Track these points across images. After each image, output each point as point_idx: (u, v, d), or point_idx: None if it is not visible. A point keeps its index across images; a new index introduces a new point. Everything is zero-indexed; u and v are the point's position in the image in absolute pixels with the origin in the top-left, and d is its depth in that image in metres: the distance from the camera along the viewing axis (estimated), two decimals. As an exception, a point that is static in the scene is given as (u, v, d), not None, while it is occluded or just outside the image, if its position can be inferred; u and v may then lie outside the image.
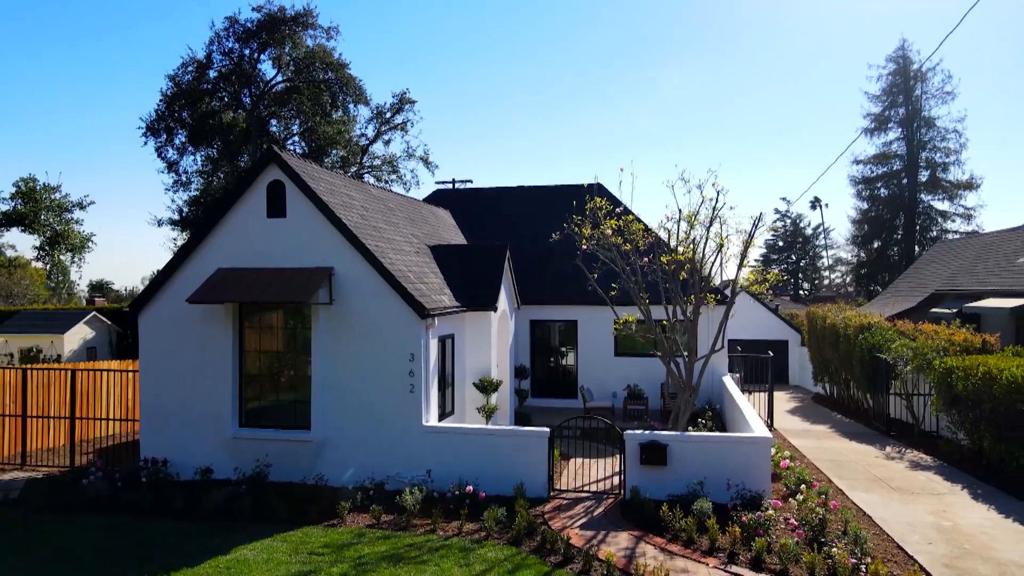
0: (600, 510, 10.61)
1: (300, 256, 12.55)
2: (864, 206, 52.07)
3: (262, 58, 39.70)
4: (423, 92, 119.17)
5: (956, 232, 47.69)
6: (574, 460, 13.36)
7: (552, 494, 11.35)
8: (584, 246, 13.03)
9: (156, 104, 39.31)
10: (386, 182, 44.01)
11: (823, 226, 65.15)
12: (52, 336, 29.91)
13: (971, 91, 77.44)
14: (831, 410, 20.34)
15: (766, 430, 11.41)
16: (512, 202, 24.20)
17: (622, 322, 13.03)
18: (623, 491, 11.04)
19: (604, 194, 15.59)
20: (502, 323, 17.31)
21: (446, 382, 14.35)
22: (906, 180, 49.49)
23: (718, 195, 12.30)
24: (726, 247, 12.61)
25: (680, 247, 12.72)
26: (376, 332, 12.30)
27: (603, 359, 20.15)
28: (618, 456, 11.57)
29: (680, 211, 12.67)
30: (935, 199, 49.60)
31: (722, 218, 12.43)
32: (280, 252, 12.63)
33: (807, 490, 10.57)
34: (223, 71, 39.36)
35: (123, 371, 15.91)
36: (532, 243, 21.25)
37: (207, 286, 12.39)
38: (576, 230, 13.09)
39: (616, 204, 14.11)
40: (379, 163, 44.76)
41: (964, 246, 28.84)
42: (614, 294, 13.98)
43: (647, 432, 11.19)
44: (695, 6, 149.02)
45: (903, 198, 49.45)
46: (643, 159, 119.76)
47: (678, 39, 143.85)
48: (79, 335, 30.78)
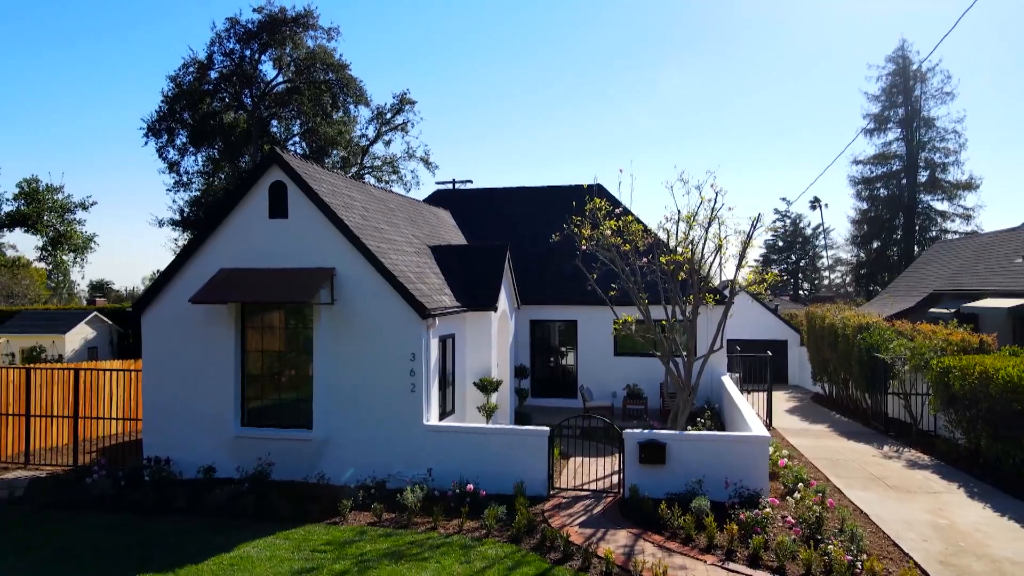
0: (599, 508, 10.70)
1: (302, 257, 12.65)
2: (864, 206, 52.21)
3: (263, 59, 39.84)
4: (423, 92, 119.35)
5: (955, 232, 47.81)
6: (574, 459, 13.45)
7: (552, 492, 11.45)
8: (584, 246, 13.12)
9: (157, 105, 39.55)
10: (386, 183, 44.14)
11: (823, 226, 65.33)
12: (54, 336, 30.04)
13: (970, 91, 77.70)
14: (830, 410, 20.44)
15: (764, 429, 11.51)
16: (512, 202, 24.30)
17: (621, 322, 13.13)
18: (622, 489, 11.14)
19: (604, 195, 15.67)
20: (502, 323, 17.41)
21: (447, 381, 14.44)
22: (905, 180, 49.61)
23: (717, 196, 12.41)
24: (725, 247, 12.71)
25: (679, 248, 12.80)
26: (377, 332, 12.40)
27: (603, 359, 20.24)
28: (617, 455, 11.66)
29: (679, 212, 12.76)
30: (934, 199, 49.75)
31: (720, 219, 12.53)
32: (282, 253, 12.73)
33: (804, 488, 10.66)
34: (224, 72, 39.48)
35: (125, 371, 16.01)
36: (532, 243, 21.34)
37: (210, 286, 12.48)
38: (576, 230, 13.18)
39: (616, 205, 14.21)
40: (379, 164, 44.91)
41: (962, 246, 28.93)
42: (613, 294, 14.06)
43: (646, 431, 11.28)
44: (695, 6, 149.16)
45: (902, 198, 49.57)
46: (643, 159, 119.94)
47: (678, 39, 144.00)
48: (80, 335, 30.90)
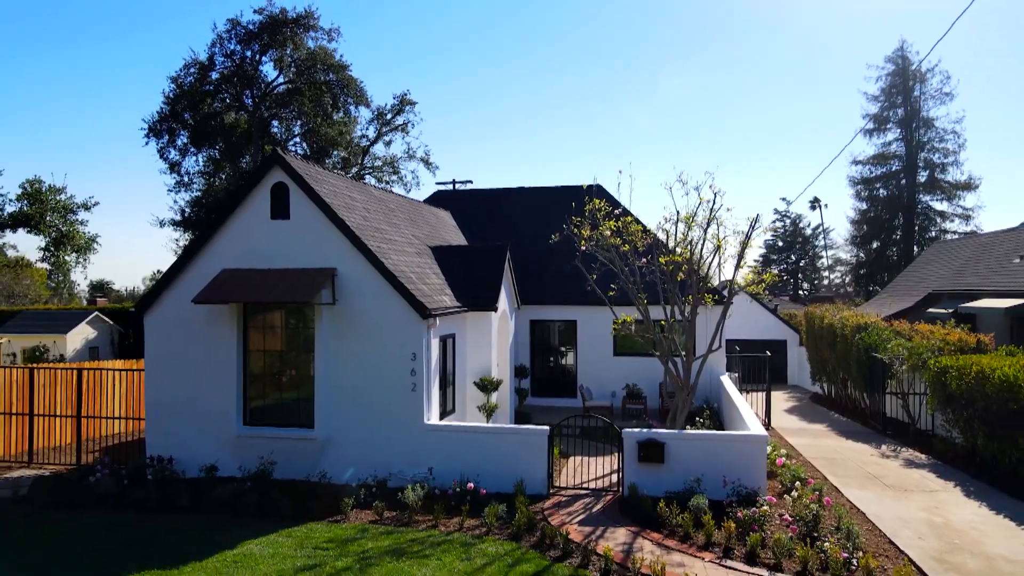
0: (599, 506, 10.80)
1: (303, 257, 12.75)
2: (863, 206, 52.27)
3: (264, 60, 39.92)
4: (423, 93, 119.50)
5: (955, 232, 47.88)
6: (573, 458, 13.55)
7: (551, 491, 11.54)
8: (583, 247, 13.21)
9: (158, 105, 39.53)
10: (387, 183, 44.22)
11: (822, 226, 65.39)
12: (55, 336, 30.14)
13: (969, 92, 77.77)
14: (829, 409, 20.53)
15: (762, 428, 11.60)
16: (512, 203, 24.39)
17: (621, 322, 13.21)
18: (621, 488, 11.23)
19: (603, 195, 15.76)
20: (502, 323, 17.50)
21: (447, 381, 14.54)
22: (905, 181, 49.67)
23: (715, 197, 12.49)
24: (723, 248, 12.79)
25: (678, 248, 12.88)
26: (378, 332, 12.50)
27: (602, 359, 20.34)
28: (616, 454, 11.75)
29: (678, 213, 12.84)
30: (934, 200, 49.81)
31: (719, 220, 12.60)
32: (284, 253, 12.82)
33: (802, 487, 10.75)
34: (225, 73, 39.57)
35: (128, 370, 16.10)
36: (532, 243, 21.43)
37: (212, 286, 12.58)
38: (575, 231, 13.26)
39: (615, 205, 14.29)
40: (380, 164, 44.98)
41: (961, 247, 29.02)
42: (613, 294, 14.15)
43: (645, 430, 11.37)
44: (695, 6, 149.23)
45: (902, 198, 49.64)
46: (642, 159, 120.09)
47: (678, 39, 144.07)
48: (82, 335, 31.00)
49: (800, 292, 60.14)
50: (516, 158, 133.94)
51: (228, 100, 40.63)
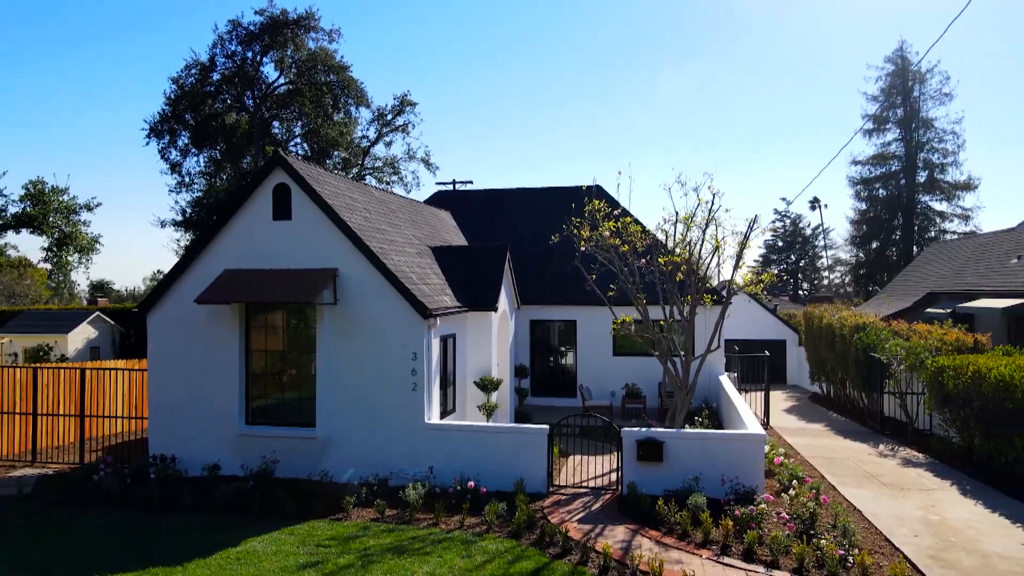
0: (598, 505, 10.89)
1: (305, 258, 12.84)
2: (863, 207, 52.39)
3: (264, 61, 40.07)
4: (423, 93, 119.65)
5: (954, 232, 47.99)
6: (573, 457, 13.64)
7: (551, 490, 11.63)
8: (583, 247, 13.30)
9: (159, 106, 39.72)
10: (387, 183, 44.33)
11: (822, 226, 65.41)
12: (56, 336, 30.20)
13: (969, 92, 77.92)
14: (827, 409, 20.62)
15: (760, 427, 11.69)
16: (512, 203, 24.48)
17: (620, 322, 13.30)
18: (620, 487, 11.32)
19: (603, 196, 15.83)
20: (502, 323, 17.59)
21: (448, 381, 14.63)
22: (904, 181, 49.79)
23: (714, 198, 12.58)
24: (722, 249, 12.89)
25: (677, 248, 12.98)
26: (379, 332, 12.59)
27: (602, 358, 20.43)
28: (616, 453, 11.84)
29: (677, 213, 12.94)
30: (933, 200, 49.95)
31: (718, 220, 12.70)
32: (285, 254, 12.92)
33: (799, 485, 10.84)
34: (226, 73, 39.69)
35: (130, 370, 16.20)
36: (532, 244, 21.52)
37: (215, 287, 12.68)
38: (575, 232, 13.36)
39: (614, 206, 14.38)
40: (380, 165, 45.10)
41: (959, 247, 29.12)
42: (612, 294, 14.24)
43: (644, 430, 11.46)
44: (695, 6, 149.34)
45: (901, 199, 49.75)
46: (642, 160, 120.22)
47: (678, 39, 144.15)
48: (83, 335, 31.08)
49: (800, 292, 60.23)
50: (516, 158, 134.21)
51: (229, 101, 40.76)
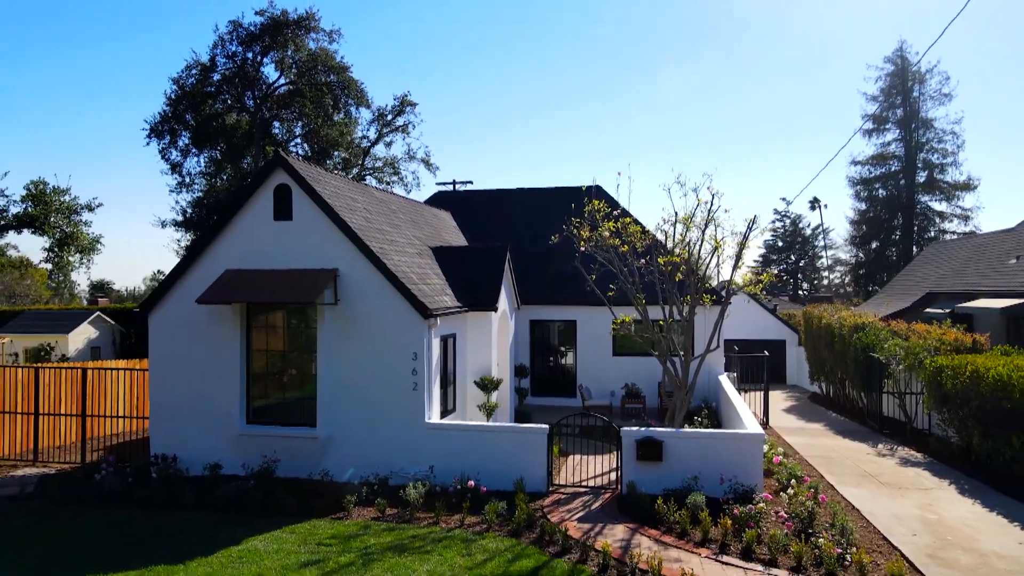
0: (597, 504, 10.94)
1: (306, 258, 12.89)
2: (862, 207, 52.44)
3: (265, 61, 40.14)
4: (423, 93, 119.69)
5: (954, 233, 48.05)
6: (572, 456, 13.69)
7: (551, 489, 11.68)
8: (583, 247, 13.35)
9: (160, 106, 39.82)
10: (388, 184, 44.39)
11: (822, 226, 65.44)
12: (57, 336, 30.26)
13: (968, 92, 77.94)
14: (827, 409, 20.66)
15: (759, 427, 11.74)
16: (512, 203, 24.52)
17: (620, 322, 13.35)
18: (620, 486, 11.37)
19: (602, 196, 15.88)
20: (502, 323, 17.64)
21: (448, 380, 14.68)
22: (904, 181, 49.85)
23: (713, 198, 12.62)
24: (721, 249, 12.93)
25: (676, 249, 13.02)
26: (380, 332, 12.64)
27: (601, 358, 20.47)
28: (615, 452, 11.89)
29: (676, 214, 12.98)
30: (933, 200, 50.00)
31: (717, 221, 12.74)
32: (286, 254, 12.97)
33: (798, 485, 10.89)
34: (226, 74, 39.75)
35: (131, 370, 16.25)
36: (532, 244, 21.56)
37: (216, 287, 12.73)
38: (575, 232, 13.40)
39: (614, 206, 14.43)
40: (381, 165, 45.16)
41: (958, 247, 29.17)
42: (612, 294, 14.28)
43: (644, 429, 11.50)
44: (695, 6, 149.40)
45: (901, 199, 49.80)
46: (642, 160, 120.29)
47: (678, 39, 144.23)
48: (84, 335, 31.14)
49: (800, 292, 60.27)
50: (516, 158, 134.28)
51: (229, 101, 40.82)
